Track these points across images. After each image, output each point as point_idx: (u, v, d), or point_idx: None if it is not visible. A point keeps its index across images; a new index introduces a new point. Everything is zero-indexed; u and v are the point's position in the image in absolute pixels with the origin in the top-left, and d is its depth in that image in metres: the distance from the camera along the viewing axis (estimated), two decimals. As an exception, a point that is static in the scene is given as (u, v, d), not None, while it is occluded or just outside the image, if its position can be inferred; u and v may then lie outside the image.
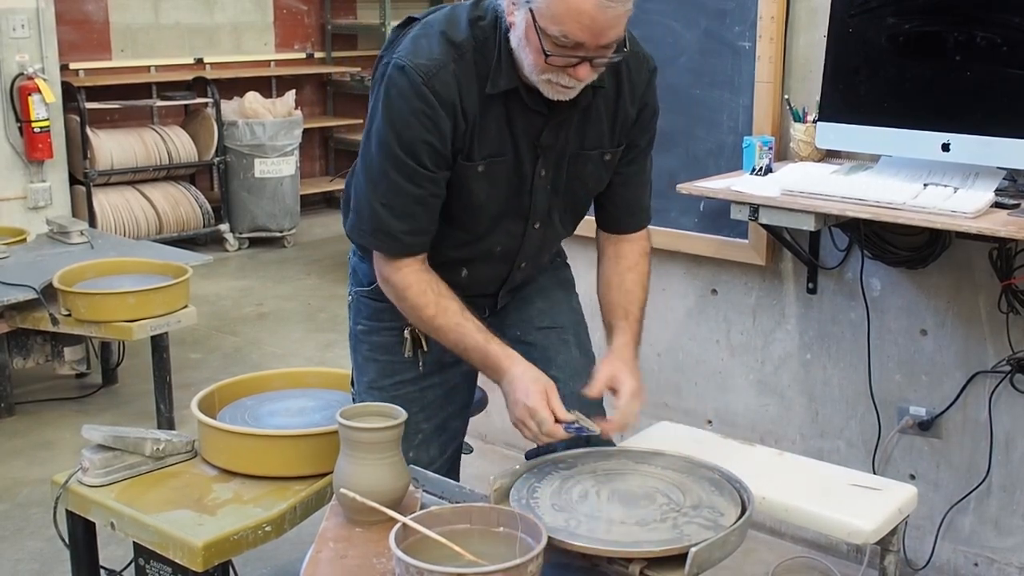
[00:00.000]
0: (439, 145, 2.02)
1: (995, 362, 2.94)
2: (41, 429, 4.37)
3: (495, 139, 2.08)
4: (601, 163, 2.22)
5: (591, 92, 2.10)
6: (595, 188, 2.28)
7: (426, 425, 2.32)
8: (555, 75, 1.96)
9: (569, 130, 2.14)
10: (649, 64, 2.26)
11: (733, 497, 1.91)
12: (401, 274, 2.13)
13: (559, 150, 2.15)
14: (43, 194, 6.38)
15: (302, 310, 6.13)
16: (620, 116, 2.20)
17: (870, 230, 2.97)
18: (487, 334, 2.12)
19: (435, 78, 1.99)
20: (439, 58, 2.00)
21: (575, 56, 1.92)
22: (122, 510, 2.32)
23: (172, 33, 7.72)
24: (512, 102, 2.06)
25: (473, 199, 2.12)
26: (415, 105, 2.00)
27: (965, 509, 3.06)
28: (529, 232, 2.23)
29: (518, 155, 2.11)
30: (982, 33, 2.62)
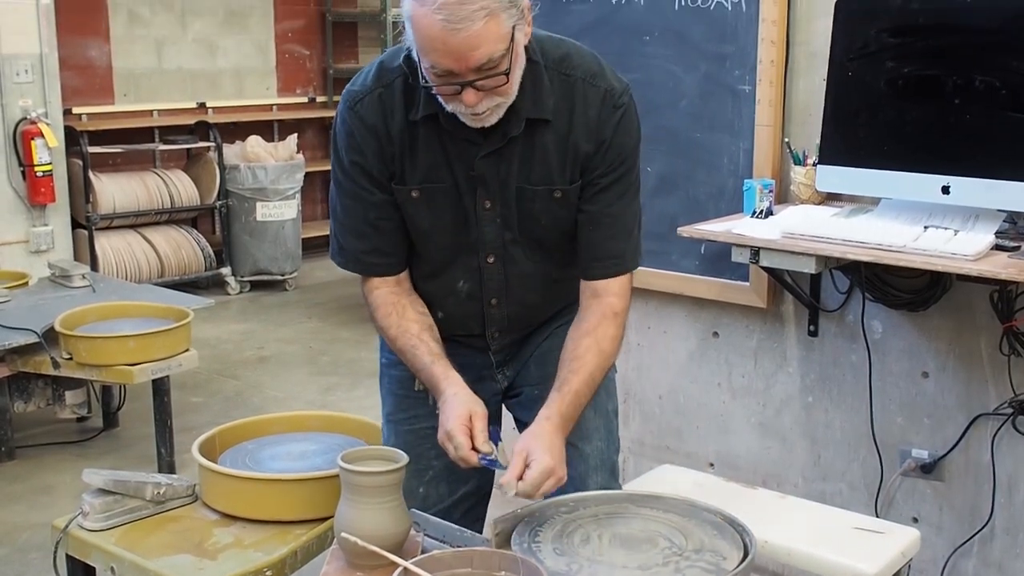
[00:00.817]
0: (367, 166, 2.10)
1: (997, 404, 2.94)
2: (41, 473, 4.35)
3: (429, 165, 2.09)
4: (552, 200, 2.12)
5: (523, 123, 2.04)
6: (555, 225, 2.16)
7: (437, 462, 2.30)
8: (454, 104, 1.97)
9: (511, 162, 2.09)
10: (614, 99, 2.09)
11: (735, 541, 1.90)
12: (372, 295, 2.20)
13: (503, 183, 2.10)
14: (45, 238, 6.39)
15: (303, 353, 6.12)
16: (571, 152, 2.10)
17: (871, 273, 2.97)
18: (436, 356, 2.12)
19: (360, 103, 2.09)
20: (368, 85, 2.09)
21: (452, 83, 1.91)
22: (123, 555, 2.30)
23: (175, 78, 7.77)
24: (444, 133, 2.07)
25: (417, 225, 2.15)
26: (347, 128, 2.11)
27: (968, 552, 3.04)
28: (485, 267, 2.19)
29: (457, 184, 2.11)
30: (981, 76, 2.64)
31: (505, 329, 2.31)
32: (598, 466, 2.30)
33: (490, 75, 1.89)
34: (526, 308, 2.30)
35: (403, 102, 2.07)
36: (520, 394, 2.36)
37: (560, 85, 2.08)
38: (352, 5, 8.77)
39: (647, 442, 3.63)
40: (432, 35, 1.84)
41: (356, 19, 8.69)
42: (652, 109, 3.31)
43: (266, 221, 7.36)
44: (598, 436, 2.31)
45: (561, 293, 2.32)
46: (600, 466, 2.30)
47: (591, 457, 2.29)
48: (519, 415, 2.37)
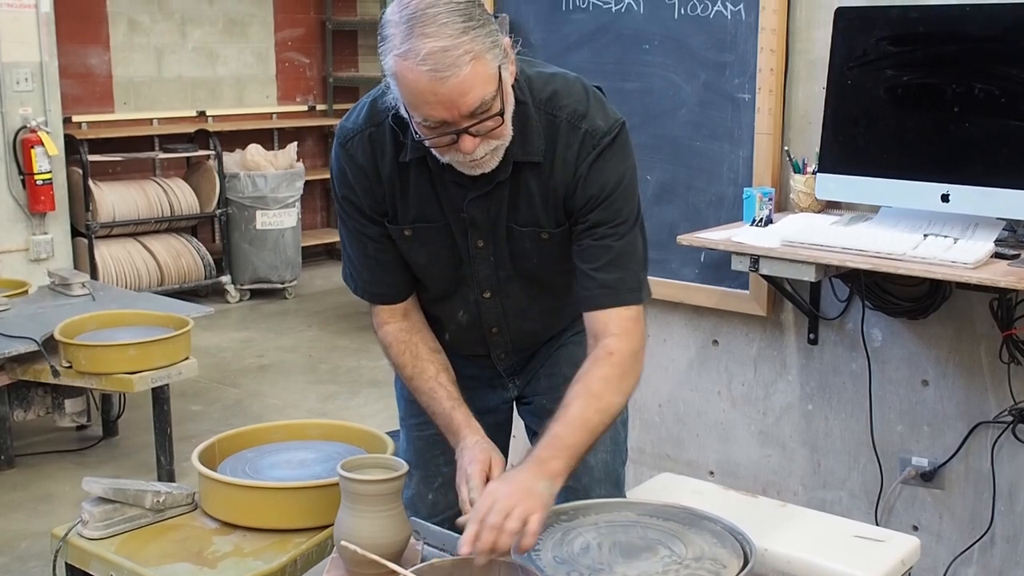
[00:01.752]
0: (359, 203, 2.10)
1: (997, 412, 2.94)
2: (41, 481, 4.35)
3: (420, 205, 2.08)
4: (540, 241, 2.10)
5: (510, 167, 2.01)
6: (548, 263, 2.14)
7: (446, 469, 2.30)
8: (452, 154, 1.92)
9: (500, 204, 2.07)
10: (594, 140, 2.01)
11: (735, 548, 1.90)
12: (383, 331, 2.20)
13: (492, 222, 2.09)
14: (45, 246, 6.40)
15: (303, 362, 6.12)
16: (552, 195, 2.05)
17: (871, 281, 2.97)
18: (455, 401, 2.13)
19: (351, 141, 2.07)
20: (360, 124, 2.07)
21: (447, 133, 1.86)
22: (122, 563, 2.30)
23: (175, 86, 7.78)
24: (434, 174, 2.04)
25: (414, 260, 2.16)
26: (339, 165, 2.10)
27: (968, 560, 3.04)
28: (482, 301, 2.20)
29: (448, 224, 2.10)
30: (980, 85, 2.65)
31: (510, 351, 2.32)
32: (602, 478, 2.29)
33: (484, 119, 1.85)
34: (528, 334, 2.31)
35: (393, 143, 2.04)
36: (531, 403, 2.37)
37: (547, 126, 2.02)
38: (352, 13, 8.78)
39: (647, 450, 3.63)
40: (421, 88, 1.80)
41: (356, 27, 8.69)
42: (652, 118, 3.32)
43: (266, 229, 7.36)
44: (603, 448, 2.26)
45: (564, 316, 2.31)
46: (604, 478, 2.29)
47: (595, 469, 2.27)
48: (529, 422, 2.39)
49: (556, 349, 2.36)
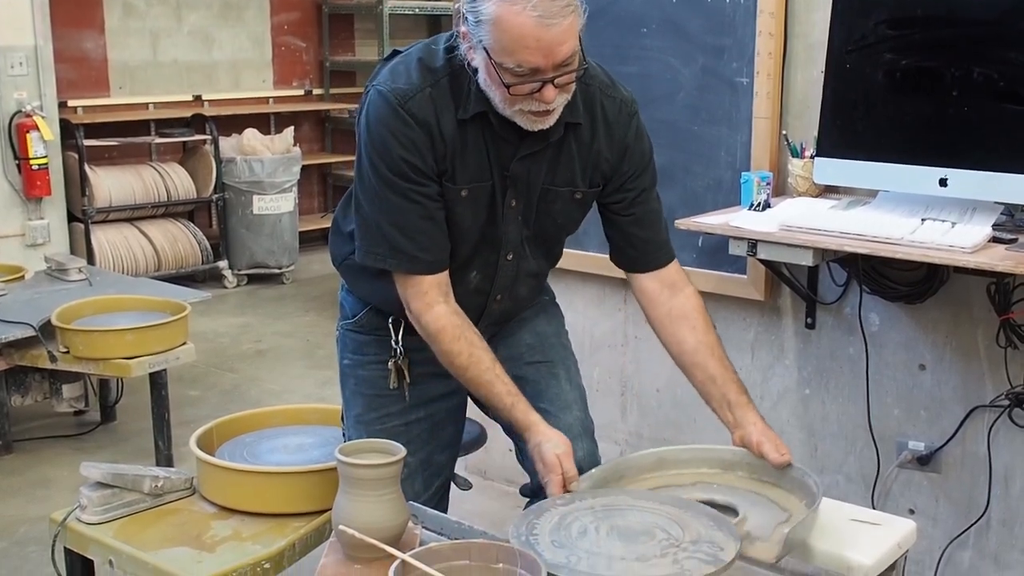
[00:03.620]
0: (420, 163, 2.09)
1: (994, 396, 2.94)
2: (39, 467, 4.35)
3: (476, 166, 2.13)
4: (572, 201, 2.25)
5: (563, 127, 2.13)
6: (565, 225, 2.32)
7: (411, 459, 2.32)
8: (524, 103, 2.01)
9: (541, 163, 2.17)
10: (629, 108, 2.26)
11: (732, 531, 1.90)
12: (433, 314, 2.16)
13: (530, 182, 2.18)
14: (41, 231, 6.39)
15: (301, 347, 6.12)
16: (593, 156, 2.22)
17: (868, 265, 2.97)
18: (515, 397, 2.16)
19: (411, 101, 2.08)
20: (416, 83, 2.09)
21: (535, 81, 1.97)
22: (121, 548, 2.31)
23: (170, 70, 7.76)
24: (487, 131, 2.11)
25: (458, 223, 2.17)
26: (393, 126, 2.08)
27: (964, 544, 3.05)
28: (502, 263, 2.27)
29: (494, 184, 2.16)
30: (979, 69, 2.64)
31: (493, 322, 2.38)
32: (580, 434, 2.37)
33: (567, 71, 1.98)
34: (517, 302, 2.39)
35: (452, 101, 2.09)
36: None
37: (581, 93, 2.15)
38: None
39: (644, 435, 3.63)
40: (525, 32, 1.90)
41: (352, 11, 8.67)
42: (649, 102, 3.31)
43: (263, 214, 7.35)
44: (577, 407, 2.40)
45: (540, 287, 2.47)
46: (582, 434, 2.38)
47: (573, 426, 2.35)
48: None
49: (517, 321, 2.45)
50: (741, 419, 2.25)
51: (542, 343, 2.45)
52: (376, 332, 2.35)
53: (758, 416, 2.25)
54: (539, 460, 2.09)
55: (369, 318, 2.36)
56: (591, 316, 3.59)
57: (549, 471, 2.07)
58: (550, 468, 2.07)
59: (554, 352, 2.46)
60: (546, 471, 2.07)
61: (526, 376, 2.38)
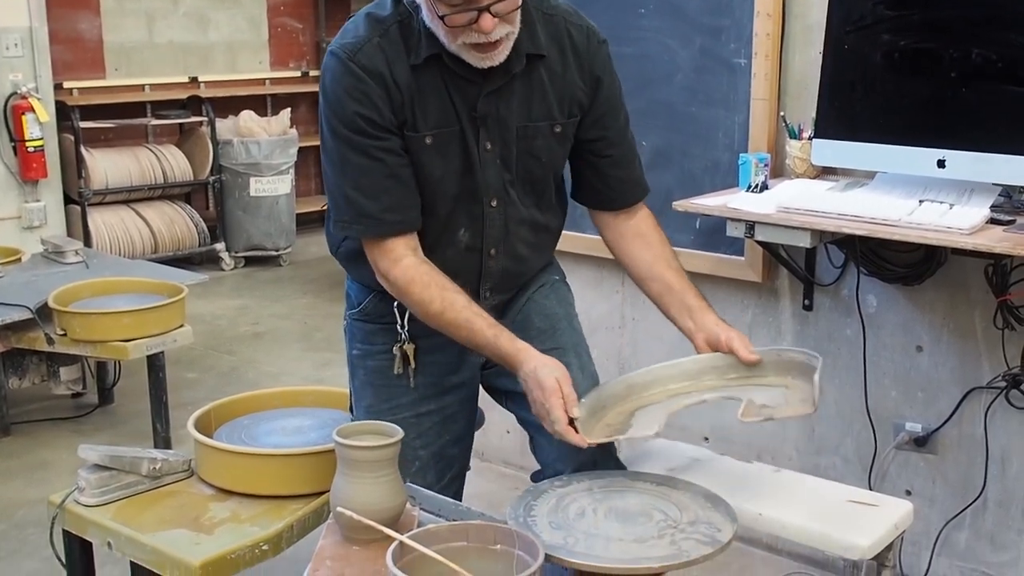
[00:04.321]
0: (376, 117, 2.05)
1: (991, 378, 2.94)
2: (37, 449, 4.36)
3: (438, 111, 2.09)
4: (552, 135, 2.20)
5: (524, 59, 2.10)
6: (551, 163, 2.25)
7: (423, 452, 2.31)
8: (466, 36, 1.97)
9: (510, 101, 2.12)
10: (596, 36, 2.22)
11: (729, 512, 1.91)
12: (400, 268, 2.11)
13: (502, 123, 2.13)
14: (38, 214, 6.38)
15: (298, 329, 6.13)
16: (569, 87, 2.18)
17: (866, 247, 2.97)
18: (497, 328, 2.10)
19: (359, 53, 2.04)
20: (363, 35, 2.06)
21: (470, 9, 1.93)
22: (119, 529, 2.31)
23: (166, 52, 7.74)
24: (445, 74, 2.07)
25: (428, 174, 2.12)
26: (346, 83, 2.05)
27: (961, 525, 3.06)
28: (488, 212, 2.20)
29: (462, 128, 2.11)
30: (978, 50, 2.63)
31: (496, 286, 2.32)
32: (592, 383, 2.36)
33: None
34: (517, 261, 2.32)
35: (403, 48, 2.06)
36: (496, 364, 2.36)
37: (545, 24, 2.14)
38: (345, -22, 8.74)
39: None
40: None
41: (349, -8, 8.65)
42: (647, 83, 3.31)
43: (260, 196, 7.35)
44: (586, 353, 2.41)
45: (546, 246, 2.41)
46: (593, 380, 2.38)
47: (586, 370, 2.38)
48: (499, 384, 2.38)
49: (525, 303, 2.40)
50: (702, 322, 2.24)
51: (553, 327, 2.39)
52: (383, 320, 2.30)
53: (719, 318, 2.26)
54: (536, 387, 2.01)
55: (375, 305, 2.31)
56: (588, 298, 3.58)
57: (549, 395, 1.99)
58: (550, 392, 1.99)
59: (565, 337, 2.41)
60: (545, 396, 1.99)
61: None
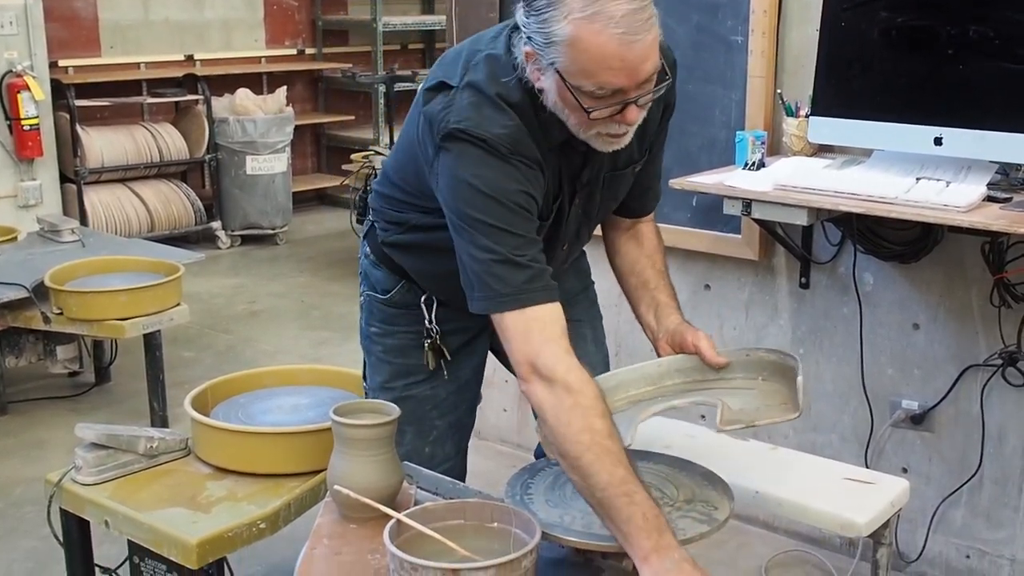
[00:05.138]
0: (538, 197, 1.92)
1: (987, 356, 2.95)
2: (34, 428, 4.36)
3: (553, 187, 2.01)
4: (631, 175, 2.17)
5: None
6: (622, 196, 2.23)
7: (440, 422, 2.31)
8: (603, 126, 1.86)
9: (604, 160, 2.05)
10: (670, 58, 2.05)
11: (726, 490, 1.91)
12: (572, 374, 1.81)
13: (595, 181, 2.09)
14: (33, 192, 6.36)
15: (295, 307, 6.12)
16: (648, 126, 2.06)
17: (863, 224, 2.97)
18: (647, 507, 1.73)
19: (520, 144, 1.88)
20: (512, 124, 1.88)
21: (617, 103, 1.80)
22: (116, 508, 2.32)
23: (162, 30, 7.70)
24: (564, 152, 1.99)
25: None
26: (511, 167, 1.87)
27: (957, 502, 3.07)
28: (558, 254, 2.16)
29: (562, 194, 2.04)
30: (975, 27, 2.63)
31: None
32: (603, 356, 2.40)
33: (650, 88, 1.82)
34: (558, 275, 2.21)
35: (541, 134, 1.92)
36: None
37: None
38: (340, -45, 8.70)
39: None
40: (608, 52, 1.72)
41: (345, -31, 8.61)
42: (644, 60, 3.29)
43: (256, 175, 7.33)
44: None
45: None
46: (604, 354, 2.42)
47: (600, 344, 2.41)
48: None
49: None
50: (665, 321, 2.19)
51: (570, 300, 2.28)
52: (408, 308, 2.28)
53: (684, 319, 2.21)
54: None
55: (402, 294, 2.28)
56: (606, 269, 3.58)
57: None
58: None
59: (581, 310, 2.40)
60: None
61: None
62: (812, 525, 2.51)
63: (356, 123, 8.53)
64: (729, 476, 2.01)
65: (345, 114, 8.51)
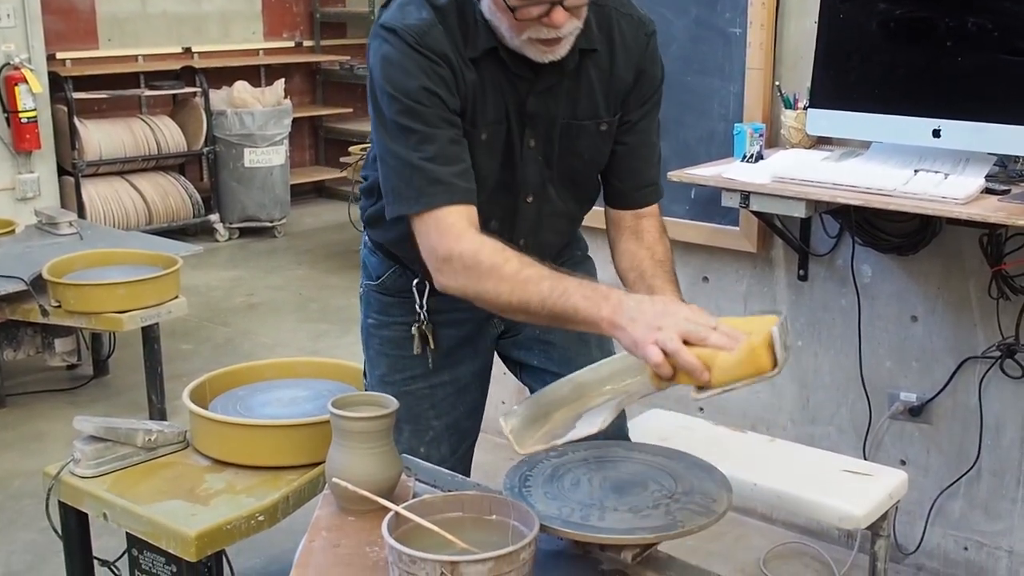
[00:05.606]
0: (443, 94, 1.95)
1: (985, 348, 2.95)
2: (33, 421, 4.36)
3: (492, 107, 2.02)
4: (597, 133, 2.13)
5: (578, 55, 2.03)
6: (594, 160, 2.18)
7: (436, 423, 2.30)
8: (533, 31, 1.89)
9: (559, 98, 2.06)
10: (646, 28, 2.11)
11: (724, 483, 1.91)
12: (468, 238, 1.91)
13: (548, 119, 2.08)
14: (31, 185, 6.35)
15: (293, 300, 6.12)
16: (615, 83, 2.09)
17: (861, 217, 2.97)
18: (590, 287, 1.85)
19: (427, 36, 1.93)
20: (427, 18, 1.95)
21: (543, 2, 1.85)
22: (115, 501, 2.32)
23: (159, 22, 7.69)
24: (501, 69, 2.00)
25: (476, 169, 2.04)
26: (411, 62, 1.93)
27: (955, 494, 3.07)
28: (522, 207, 2.16)
29: (510, 125, 2.05)
30: (973, 19, 2.62)
31: None
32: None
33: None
34: (544, 248, 2.25)
35: (461, 37, 1.97)
36: (518, 334, 2.34)
37: (595, 15, 2.04)
38: (338, -53, 8.68)
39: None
40: None
41: (342, -38, 8.60)
42: (642, 53, 3.29)
43: (254, 167, 7.32)
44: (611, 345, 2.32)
45: (574, 232, 2.38)
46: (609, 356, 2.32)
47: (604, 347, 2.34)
48: (516, 355, 2.36)
49: None
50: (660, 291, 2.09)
51: None
52: (401, 294, 2.27)
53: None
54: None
55: (393, 279, 2.27)
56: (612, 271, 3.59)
57: None
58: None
59: None
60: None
61: (554, 341, 2.30)
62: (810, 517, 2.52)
63: (354, 115, 8.52)
64: (727, 468, 2.01)
65: (343, 106, 8.51)
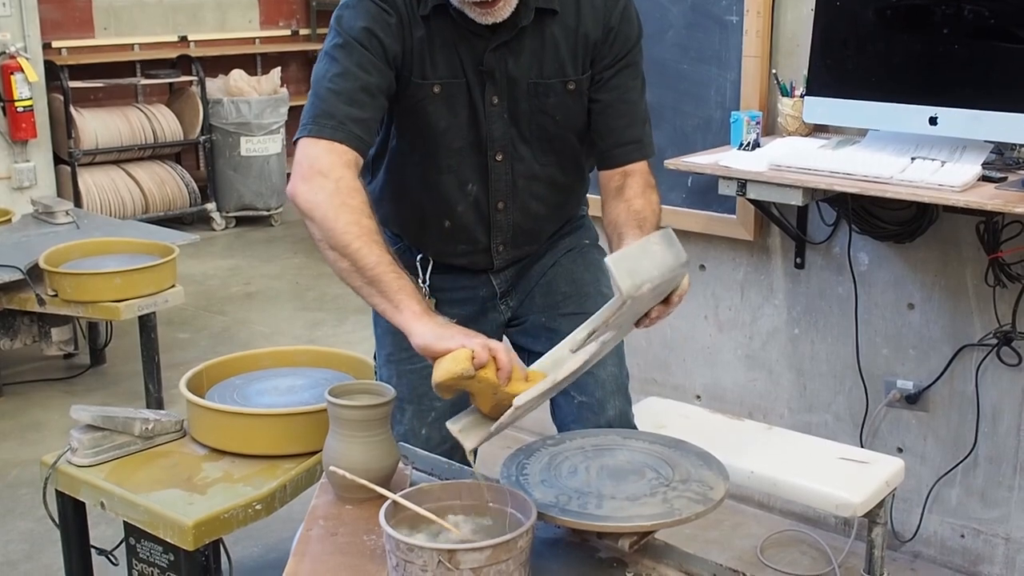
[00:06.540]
0: (383, 38, 2.02)
1: (982, 335, 2.95)
2: (29, 410, 4.36)
3: (445, 62, 2.08)
4: (565, 92, 2.15)
5: (532, 13, 2.07)
6: (567, 121, 2.19)
7: (439, 403, 2.29)
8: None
9: (519, 57, 2.10)
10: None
11: (721, 471, 1.91)
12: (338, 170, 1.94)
13: (511, 78, 2.11)
14: (27, 174, 6.35)
15: (290, 289, 6.12)
16: (581, 41, 2.13)
17: (858, 204, 2.97)
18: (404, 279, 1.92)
19: None
20: None
21: None
22: (112, 490, 2.31)
23: (155, 10, 7.67)
24: (455, 27, 2.06)
25: (433, 124, 2.11)
26: (366, 6, 2.03)
27: (952, 481, 3.08)
28: (492, 165, 2.18)
29: (468, 81, 2.10)
30: (970, 6, 2.62)
31: (510, 242, 2.28)
32: (614, 391, 2.30)
33: None
34: (531, 217, 2.27)
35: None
36: (525, 322, 2.35)
37: None
38: (335, -65, 8.65)
39: (634, 375, 3.61)
40: None
41: (339, -50, 8.56)
42: (639, 40, 3.28)
43: (251, 156, 7.31)
44: (611, 362, 2.29)
45: (565, 204, 2.34)
46: (616, 391, 2.31)
47: (607, 383, 2.29)
48: (524, 343, 2.36)
49: (552, 266, 2.36)
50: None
51: (578, 292, 2.34)
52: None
53: None
54: None
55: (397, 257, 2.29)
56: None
57: None
58: None
59: (591, 303, 2.30)
60: None
61: (560, 328, 2.25)
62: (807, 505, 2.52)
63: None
64: (724, 456, 2.01)
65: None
